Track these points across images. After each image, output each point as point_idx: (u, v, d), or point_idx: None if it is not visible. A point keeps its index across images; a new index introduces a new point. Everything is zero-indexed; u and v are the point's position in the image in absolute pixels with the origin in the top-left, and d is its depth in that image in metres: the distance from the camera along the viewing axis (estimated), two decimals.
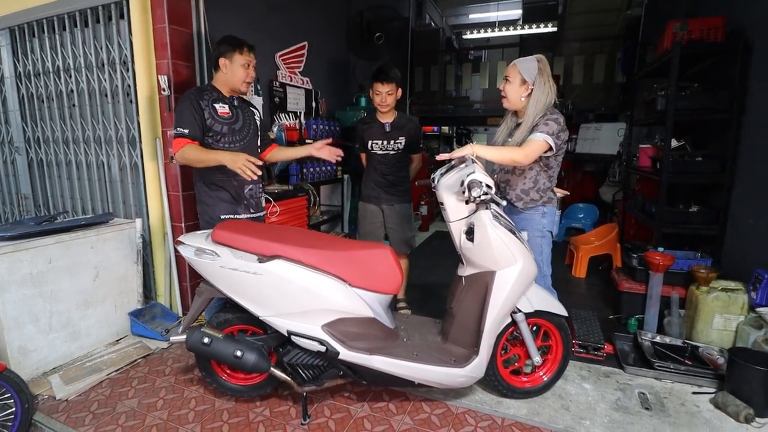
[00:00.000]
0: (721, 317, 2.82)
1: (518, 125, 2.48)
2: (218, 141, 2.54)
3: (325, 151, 2.74)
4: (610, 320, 3.45)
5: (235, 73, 2.55)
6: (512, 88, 2.45)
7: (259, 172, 2.33)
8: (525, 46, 8.51)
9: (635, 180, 4.83)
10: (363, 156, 3.48)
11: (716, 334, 2.84)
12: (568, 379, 2.62)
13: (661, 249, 3.15)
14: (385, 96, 3.13)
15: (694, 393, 2.48)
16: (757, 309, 2.60)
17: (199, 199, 2.70)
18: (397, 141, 3.25)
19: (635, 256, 3.35)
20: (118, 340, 3.11)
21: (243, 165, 2.25)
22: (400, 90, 3.20)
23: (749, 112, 3.13)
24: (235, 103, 2.65)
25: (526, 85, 2.41)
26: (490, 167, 2.58)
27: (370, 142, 3.29)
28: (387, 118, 3.25)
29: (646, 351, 2.78)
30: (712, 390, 2.48)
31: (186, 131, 2.41)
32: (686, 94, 3.49)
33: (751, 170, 3.07)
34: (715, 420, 2.25)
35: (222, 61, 2.53)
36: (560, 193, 2.61)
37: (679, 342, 2.88)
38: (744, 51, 3.13)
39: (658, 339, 2.93)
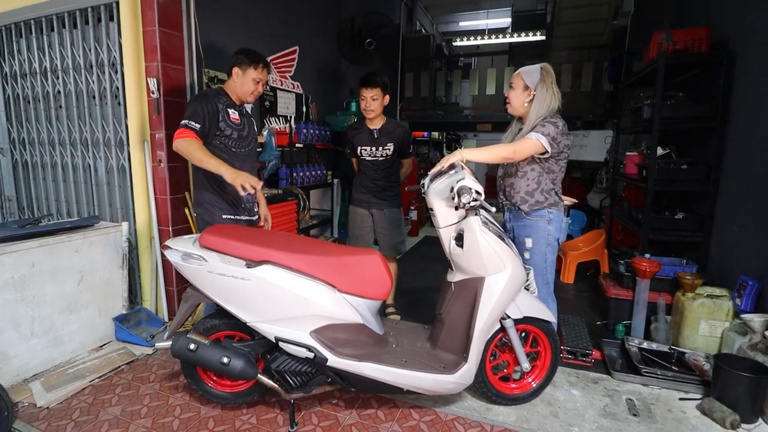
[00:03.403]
0: (706, 323, 2.85)
1: (521, 131, 2.52)
2: (226, 144, 2.58)
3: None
4: (598, 326, 3.47)
5: (244, 84, 2.62)
6: (515, 94, 2.52)
7: (259, 186, 2.32)
8: (514, 54, 8.60)
9: (622, 187, 4.88)
10: (354, 161, 3.50)
11: (702, 340, 2.87)
12: (557, 386, 2.62)
13: (647, 255, 3.18)
14: (370, 101, 3.14)
15: (681, 399, 2.50)
16: (742, 315, 2.62)
17: (199, 201, 2.69)
18: (386, 147, 3.26)
19: (622, 262, 3.38)
20: (101, 346, 3.05)
21: (243, 182, 2.24)
22: (387, 97, 3.20)
23: (732, 121, 3.18)
24: (244, 111, 2.74)
25: (528, 91, 2.47)
26: (479, 171, 2.59)
27: (359, 148, 3.31)
28: (375, 125, 3.26)
29: (633, 357, 2.79)
30: (699, 396, 2.50)
31: (197, 127, 2.40)
32: (671, 103, 3.54)
33: (735, 178, 3.12)
34: (702, 426, 2.27)
35: (235, 70, 2.61)
36: (568, 200, 2.61)
37: (665, 348, 2.90)
38: (727, 61, 3.19)
39: (645, 345, 2.94)
